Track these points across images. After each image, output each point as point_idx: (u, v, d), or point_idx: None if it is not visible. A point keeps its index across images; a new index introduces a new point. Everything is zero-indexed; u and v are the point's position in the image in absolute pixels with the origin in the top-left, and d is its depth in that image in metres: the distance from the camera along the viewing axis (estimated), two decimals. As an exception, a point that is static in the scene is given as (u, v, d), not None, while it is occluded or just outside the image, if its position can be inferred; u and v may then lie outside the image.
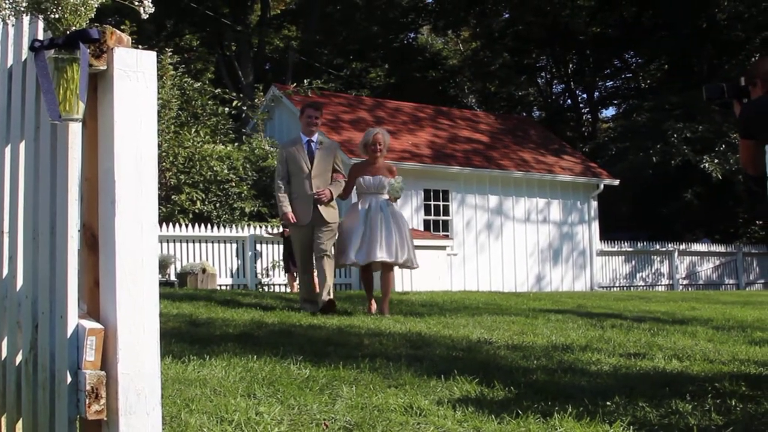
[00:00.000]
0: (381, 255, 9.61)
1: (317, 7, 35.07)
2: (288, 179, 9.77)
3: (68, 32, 2.74)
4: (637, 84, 39.01)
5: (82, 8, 2.76)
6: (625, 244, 24.90)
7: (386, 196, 9.87)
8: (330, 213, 9.75)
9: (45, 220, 2.93)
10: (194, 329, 7.26)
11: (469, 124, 25.32)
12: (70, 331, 2.74)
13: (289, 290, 16.77)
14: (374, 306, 9.98)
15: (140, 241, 2.73)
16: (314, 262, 9.80)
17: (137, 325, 2.71)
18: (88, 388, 2.68)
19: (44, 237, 2.93)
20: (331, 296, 9.61)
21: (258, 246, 18.29)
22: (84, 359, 2.71)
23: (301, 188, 9.66)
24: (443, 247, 18.31)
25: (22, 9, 2.78)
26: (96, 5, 2.78)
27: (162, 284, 14.50)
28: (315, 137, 9.83)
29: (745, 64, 29.76)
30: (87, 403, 2.68)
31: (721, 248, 27.12)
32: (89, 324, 2.74)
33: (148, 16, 2.90)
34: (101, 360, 2.73)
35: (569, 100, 41.81)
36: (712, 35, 30.36)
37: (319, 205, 9.62)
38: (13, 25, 3.19)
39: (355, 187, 10.11)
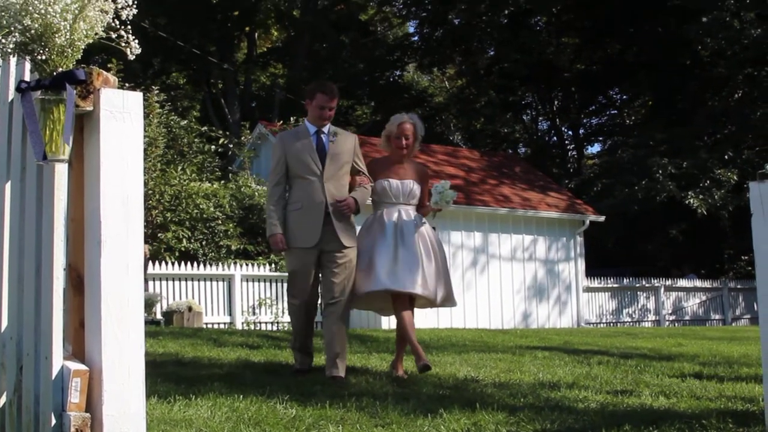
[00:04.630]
0: (420, 287, 6.93)
1: (303, 44, 35.24)
2: (286, 185, 7.06)
3: (55, 73, 2.75)
4: (622, 120, 39.24)
5: (69, 50, 2.78)
6: (611, 280, 24.92)
7: (412, 211, 7.22)
8: (348, 233, 6.98)
9: (30, 261, 2.93)
10: (180, 369, 7.22)
11: (453, 161, 25.38)
12: (54, 372, 2.73)
13: None
14: (401, 368, 7.25)
15: (126, 282, 2.73)
16: (323, 311, 7.02)
17: (122, 366, 2.70)
18: (72, 430, 2.66)
19: (29, 277, 2.93)
20: (337, 372, 6.77)
21: (246, 284, 18.22)
22: (69, 401, 2.69)
23: (309, 196, 6.89)
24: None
25: (9, 50, 2.79)
26: (83, 47, 2.80)
27: (147, 323, 14.44)
28: (326, 128, 7.10)
29: (729, 101, 30.04)
30: (72, 445, 2.66)
31: (706, 284, 27.16)
32: (74, 365, 2.73)
33: (134, 57, 2.92)
34: (86, 401, 2.72)
35: (555, 137, 41.97)
36: (696, 72, 30.61)
37: (333, 221, 6.86)
38: (-1, 66, 3.21)
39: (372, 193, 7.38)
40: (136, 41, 2.91)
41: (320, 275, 7.03)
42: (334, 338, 6.84)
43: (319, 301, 7.21)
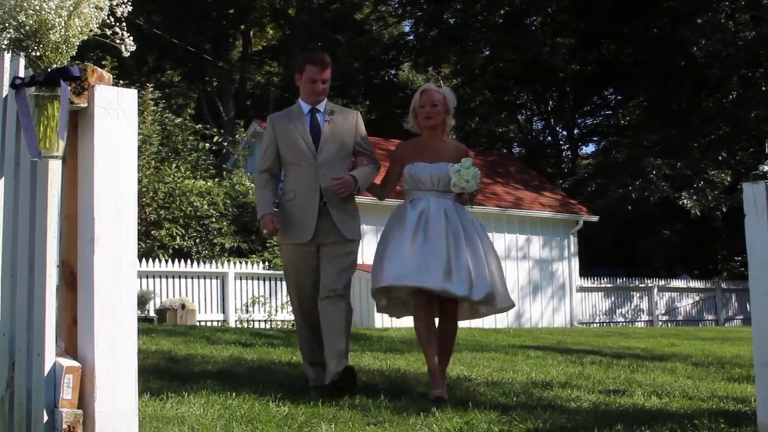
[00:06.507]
0: (447, 284, 5.71)
1: (299, 43, 35.23)
2: (278, 171, 6.20)
3: (49, 70, 2.75)
4: (617, 121, 39.26)
5: (64, 46, 2.77)
6: (605, 279, 24.95)
7: (446, 200, 6.06)
8: (348, 224, 6.05)
9: (23, 257, 2.92)
10: (173, 366, 7.22)
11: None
12: (47, 369, 2.73)
13: None
14: (440, 386, 5.79)
15: (119, 279, 2.73)
16: (319, 305, 5.99)
17: (115, 363, 2.70)
18: (64, 426, 2.67)
19: (22, 274, 2.93)
20: (345, 364, 5.80)
21: (240, 282, 18.21)
22: (61, 397, 2.70)
23: (302, 184, 6.01)
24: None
25: (4, 46, 2.79)
26: (78, 43, 2.80)
27: (141, 320, 14.43)
28: (323, 105, 6.17)
29: (723, 102, 30.09)
30: (64, 442, 2.66)
31: (700, 284, 27.21)
32: (67, 362, 2.73)
33: (129, 54, 2.92)
34: (78, 398, 2.72)
35: (549, 137, 42.00)
36: (690, 73, 30.64)
37: (331, 209, 5.95)
38: (-6, 63, 3.20)
39: (402, 181, 6.28)
40: (131, 38, 2.91)
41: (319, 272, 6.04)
42: (334, 332, 5.88)
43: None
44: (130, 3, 2.89)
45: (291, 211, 6.03)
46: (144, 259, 17.09)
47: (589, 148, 43.10)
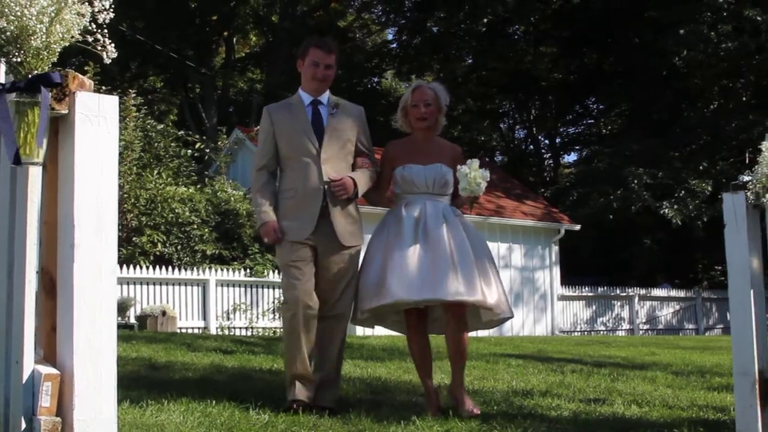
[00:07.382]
0: (457, 290, 5.25)
1: (282, 50, 35.22)
2: (276, 167, 5.69)
3: (30, 76, 2.74)
4: (599, 130, 39.42)
5: (45, 52, 2.77)
6: (586, 288, 25.03)
7: (443, 204, 5.66)
8: (349, 230, 5.58)
9: (2, 263, 2.91)
10: (153, 373, 7.19)
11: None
12: (25, 376, 2.72)
13: None
14: (436, 398, 5.69)
15: (99, 286, 2.72)
16: (318, 321, 5.50)
17: (94, 370, 2.69)
18: (43, 434, 2.65)
19: (1, 280, 2.91)
20: (327, 402, 5.46)
21: (221, 289, 18.17)
22: (39, 405, 2.68)
23: (304, 181, 5.50)
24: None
25: (-16, 52, 2.78)
26: (59, 50, 2.79)
27: (121, 327, 14.37)
28: (325, 97, 5.67)
29: (704, 112, 30.24)
30: (42, 450, 2.65)
31: (680, 293, 27.35)
32: (45, 369, 2.72)
33: (111, 60, 2.91)
34: (57, 406, 2.71)
35: (531, 146, 42.16)
36: (672, 83, 30.79)
37: (332, 208, 5.49)
38: (-26, 68, 3.19)
39: (392, 184, 5.79)
40: (113, 45, 2.90)
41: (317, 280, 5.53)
42: (325, 359, 5.53)
43: None
44: (111, 10, 2.88)
45: (291, 209, 5.50)
46: (125, 266, 17.04)
47: (571, 157, 43.27)
